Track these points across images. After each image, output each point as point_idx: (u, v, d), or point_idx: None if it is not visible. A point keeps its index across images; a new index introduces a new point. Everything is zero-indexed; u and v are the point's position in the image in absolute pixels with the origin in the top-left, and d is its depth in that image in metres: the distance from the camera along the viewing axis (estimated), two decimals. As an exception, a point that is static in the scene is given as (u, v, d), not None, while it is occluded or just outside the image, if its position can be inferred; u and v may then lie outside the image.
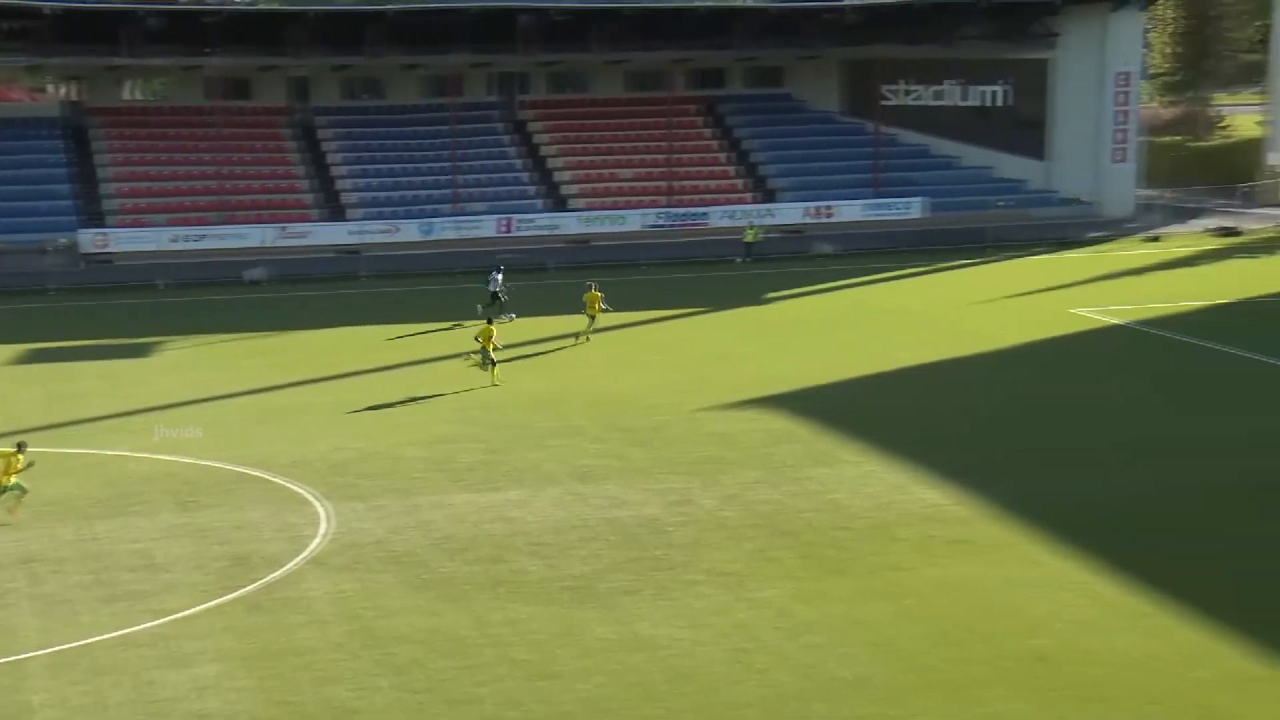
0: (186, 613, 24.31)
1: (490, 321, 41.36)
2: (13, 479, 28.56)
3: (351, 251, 63.55)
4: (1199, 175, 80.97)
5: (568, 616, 24.05)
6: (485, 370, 40.19)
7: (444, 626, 23.64)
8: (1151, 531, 27.80)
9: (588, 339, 45.66)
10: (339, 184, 69.21)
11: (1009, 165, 74.11)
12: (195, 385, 40.66)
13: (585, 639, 23.14)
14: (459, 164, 69.24)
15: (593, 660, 22.36)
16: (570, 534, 28.06)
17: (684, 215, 68.35)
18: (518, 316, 48.27)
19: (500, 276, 49.94)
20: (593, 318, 45.99)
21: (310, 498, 30.39)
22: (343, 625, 23.76)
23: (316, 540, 27.82)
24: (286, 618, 24.06)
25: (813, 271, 58.72)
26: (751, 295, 53.54)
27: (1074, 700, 20.78)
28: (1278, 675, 21.44)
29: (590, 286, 46.86)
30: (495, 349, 40.25)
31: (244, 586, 25.45)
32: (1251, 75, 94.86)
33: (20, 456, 28.71)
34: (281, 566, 26.42)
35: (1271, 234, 67.23)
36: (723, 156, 73.47)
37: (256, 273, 58.64)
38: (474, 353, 40.49)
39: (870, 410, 36.90)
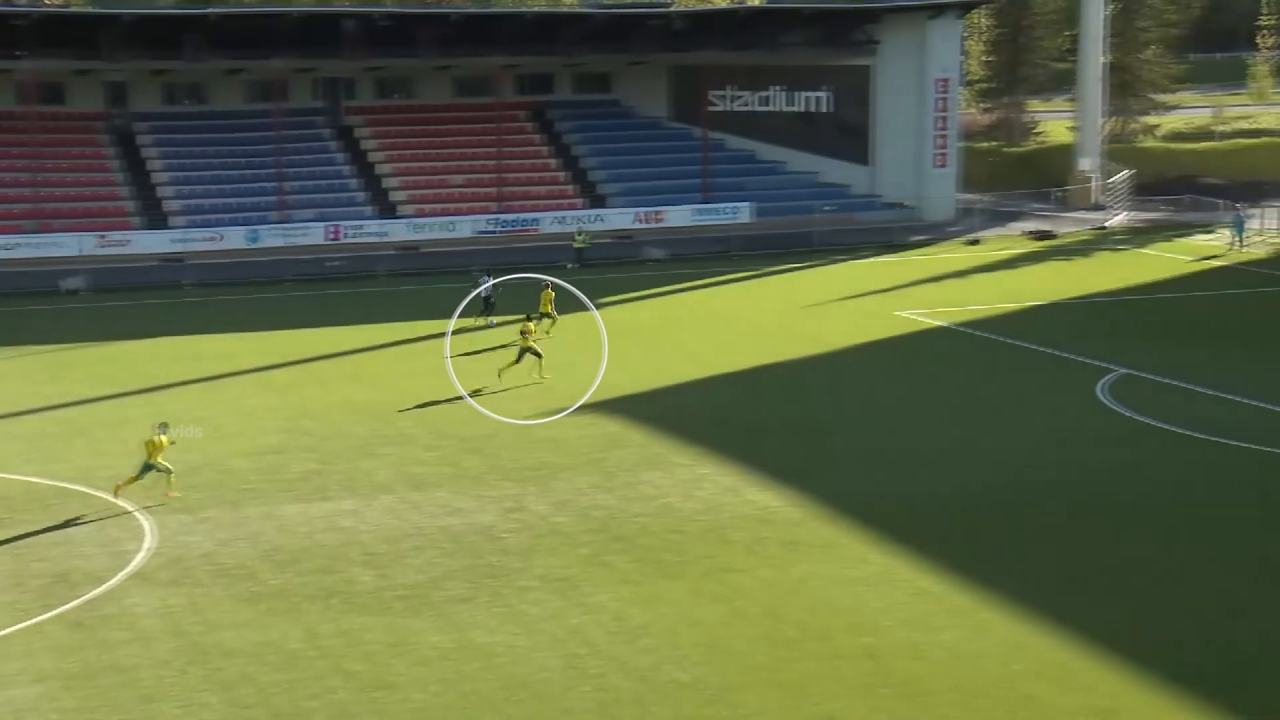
0: (3, 632, 23.57)
1: (529, 318, 41.68)
2: (160, 459, 29.80)
3: (175, 260, 62.18)
4: (1015, 180, 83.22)
5: (401, 626, 23.87)
6: (517, 365, 40.19)
7: (274, 639, 23.27)
8: (973, 529, 28.51)
9: (547, 333, 45.91)
10: (160, 191, 67.64)
11: (834, 170, 75.31)
12: (9, 398, 39.40)
13: (419, 648, 22.98)
14: (285, 170, 68.18)
15: (427, 669, 22.22)
16: (403, 543, 27.84)
17: (515, 221, 68.22)
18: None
19: (488, 279, 49.40)
20: (550, 316, 46.29)
21: (134, 511, 29.67)
22: (169, 641, 23.25)
23: (141, 555, 27.18)
24: (109, 635, 23.47)
25: (644, 276, 59.01)
26: (582, 302, 53.64)
27: (902, 695, 21.23)
28: (1093, 665, 22.15)
29: (545, 285, 47.07)
30: (536, 340, 40.64)
31: (64, 604, 24.76)
32: (1062, 83, 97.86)
33: (165, 437, 30.04)
34: (104, 583, 25.76)
35: (1084, 237, 69.37)
36: (553, 162, 73.48)
37: (74, 282, 57.01)
38: (518, 347, 40.51)
39: (703, 414, 37.21)
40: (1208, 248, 65.30)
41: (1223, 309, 52.02)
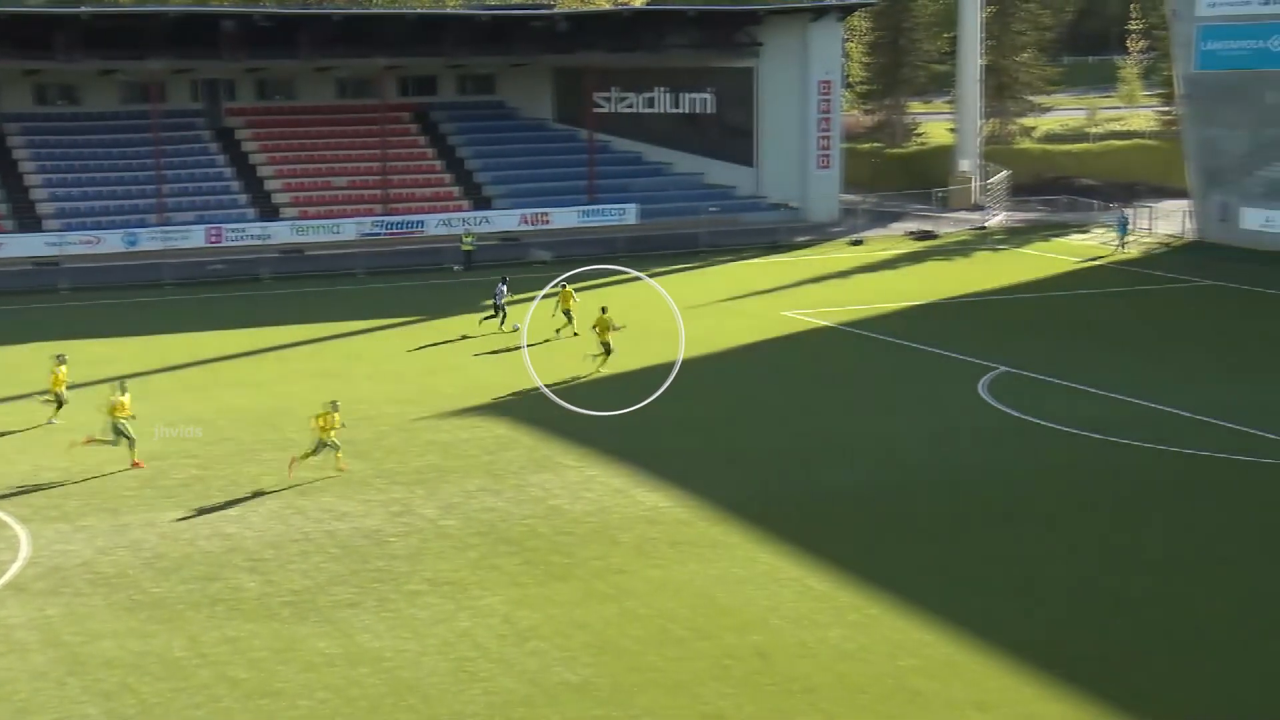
0: (-125, 648, 22.95)
1: (604, 310, 42.48)
2: (332, 435, 31.64)
3: (50, 264, 60.90)
4: (897, 180, 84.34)
5: (288, 632, 23.61)
6: (606, 357, 41.24)
7: (156, 649, 22.89)
8: (859, 526, 28.82)
9: (558, 332, 46.66)
10: (34, 193, 66.21)
11: (719, 171, 75.70)
12: (-120, 407, 38.37)
13: (306, 654, 22.75)
14: (164, 172, 67.06)
15: (314, 675, 22.01)
16: (289, 548, 27.53)
17: (400, 223, 67.73)
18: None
19: (505, 289, 48.82)
20: (567, 313, 46.77)
21: (9, 520, 29.01)
22: (46, 652, 22.76)
23: (17, 564, 26.59)
24: (-14, 648, 22.93)
25: (530, 278, 58.83)
26: (470, 303, 53.35)
27: (789, 693, 21.41)
28: (976, 658, 22.51)
29: (563, 285, 47.59)
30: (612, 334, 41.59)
31: (-62, 617, 24.15)
32: (942, 85, 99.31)
33: (336, 415, 31.96)
34: (-21, 595, 25.16)
35: (964, 237, 70.43)
36: (437, 164, 73.06)
37: (-55, 287, 55.67)
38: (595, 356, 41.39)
39: (591, 415, 37.17)
40: (1084, 248, 66.63)
41: (1099, 308, 53.09)
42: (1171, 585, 25.62)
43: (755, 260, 63.90)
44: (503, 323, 47.95)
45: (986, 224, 73.67)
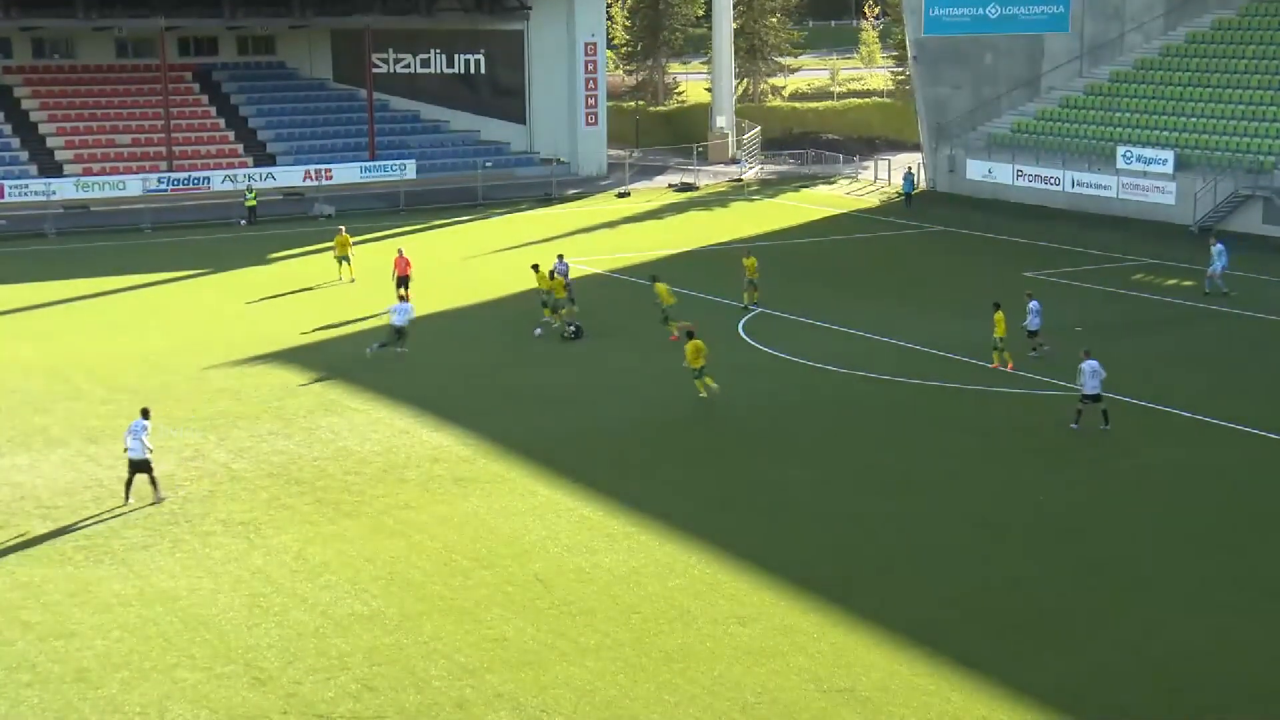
0: None
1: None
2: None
3: None
4: (659, 136, 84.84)
5: (82, 576, 22.82)
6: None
7: (-51, 598, 21.88)
8: (629, 460, 29.08)
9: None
10: None
11: (493, 129, 75.11)
12: None
13: (101, 595, 22.03)
14: (-57, 130, 63.50)
15: (109, 615, 21.34)
16: (82, 494, 26.56)
17: (185, 180, 65.43)
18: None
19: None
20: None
21: None
22: None
23: None
24: None
25: (314, 232, 57.58)
26: (256, 256, 51.99)
27: (567, 615, 21.56)
28: (737, 578, 22.98)
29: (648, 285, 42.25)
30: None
31: None
32: (699, 47, 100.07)
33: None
34: None
35: (721, 188, 71.25)
36: (220, 122, 70.68)
37: None
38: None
39: (374, 361, 36.63)
40: (831, 197, 68.05)
41: (844, 252, 54.32)
42: (910, 505, 26.47)
43: (529, 212, 63.63)
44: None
45: (742, 176, 74.65)
